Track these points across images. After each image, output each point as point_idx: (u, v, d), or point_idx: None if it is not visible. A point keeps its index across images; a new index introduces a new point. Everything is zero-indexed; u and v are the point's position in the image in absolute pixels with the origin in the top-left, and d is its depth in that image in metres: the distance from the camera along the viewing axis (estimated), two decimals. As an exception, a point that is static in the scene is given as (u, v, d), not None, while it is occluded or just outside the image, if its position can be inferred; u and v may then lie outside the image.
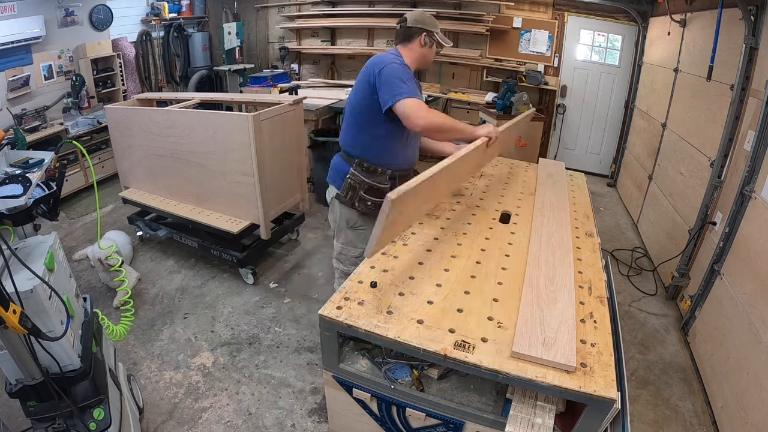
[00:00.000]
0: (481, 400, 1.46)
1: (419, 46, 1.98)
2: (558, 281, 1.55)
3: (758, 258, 2.14)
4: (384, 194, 1.72)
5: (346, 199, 2.03)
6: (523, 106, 4.16)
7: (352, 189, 2.01)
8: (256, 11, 6.84)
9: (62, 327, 1.41)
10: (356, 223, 2.11)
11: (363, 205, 2.03)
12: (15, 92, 4.16)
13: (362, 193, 2.01)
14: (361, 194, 2.01)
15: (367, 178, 2.00)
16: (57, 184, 1.78)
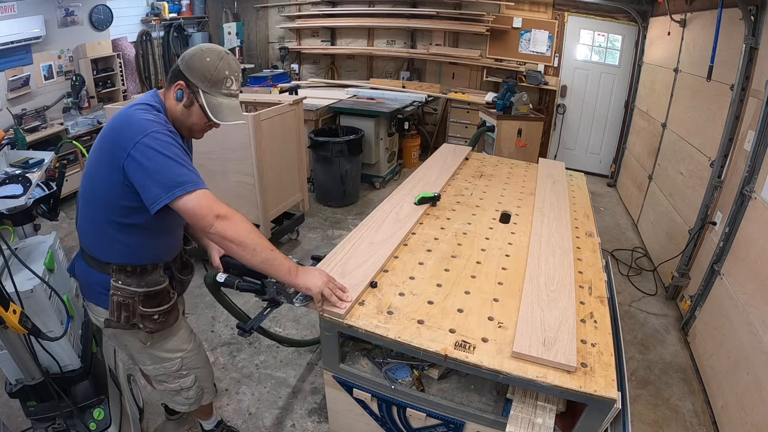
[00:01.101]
0: (481, 400, 1.46)
1: (173, 97, 1.32)
2: (558, 281, 1.55)
3: (758, 258, 2.14)
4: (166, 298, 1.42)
5: (121, 322, 1.38)
6: (523, 106, 4.16)
7: (124, 307, 1.37)
8: (256, 11, 6.84)
9: (62, 327, 1.41)
10: (150, 340, 1.50)
11: (149, 322, 1.40)
12: (15, 92, 4.16)
13: (141, 308, 1.39)
14: (141, 310, 1.39)
15: (138, 286, 1.38)
16: (57, 184, 1.78)
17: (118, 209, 1.29)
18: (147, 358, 1.55)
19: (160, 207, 1.18)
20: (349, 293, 1.40)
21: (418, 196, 2.14)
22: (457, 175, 2.63)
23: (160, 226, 1.38)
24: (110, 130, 1.26)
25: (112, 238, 1.33)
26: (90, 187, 1.32)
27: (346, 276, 1.54)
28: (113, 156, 1.21)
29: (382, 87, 5.79)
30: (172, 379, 1.61)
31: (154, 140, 1.19)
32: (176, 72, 1.31)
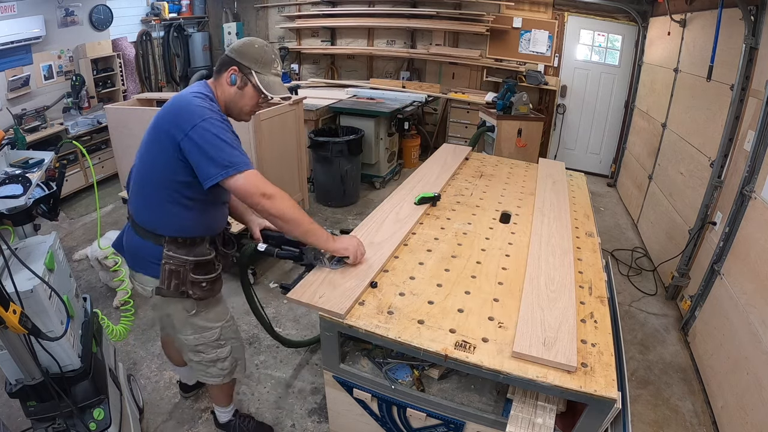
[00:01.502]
0: (481, 400, 1.46)
1: (227, 83, 1.49)
2: (558, 281, 1.56)
3: (758, 258, 2.14)
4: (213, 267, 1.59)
5: (171, 290, 1.52)
6: (523, 106, 4.16)
7: (174, 276, 1.50)
8: (256, 11, 6.84)
9: (62, 327, 1.41)
10: (195, 308, 1.61)
11: (197, 289, 1.54)
12: (15, 92, 4.16)
13: (192, 274, 1.52)
14: (191, 277, 1.52)
15: (188, 255, 1.51)
16: (57, 184, 1.78)
17: (173, 184, 1.43)
18: (189, 328, 1.65)
19: (213, 183, 1.35)
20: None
21: (418, 196, 2.14)
22: (457, 175, 2.63)
23: (208, 203, 1.53)
24: (168, 114, 1.41)
25: (166, 212, 1.47)
26: (146, 165, 1.46)
27: (346, 276, 1.54)
28: (171, 136, 1.36)
29: (382, 87, 5.79)
30: (210, 349, 1.71)
31: (210, 125, 1.35)
32: (226, 60, 1.49)
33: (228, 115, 1.53)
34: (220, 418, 2.03)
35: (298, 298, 1.43)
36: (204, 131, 1.33)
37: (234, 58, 1.48)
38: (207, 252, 1.57)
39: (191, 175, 1.39)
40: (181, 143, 1.34)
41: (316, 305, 1.40)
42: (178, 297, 1.55)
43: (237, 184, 1.35)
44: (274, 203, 1.39)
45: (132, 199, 1.55)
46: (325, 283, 1.50)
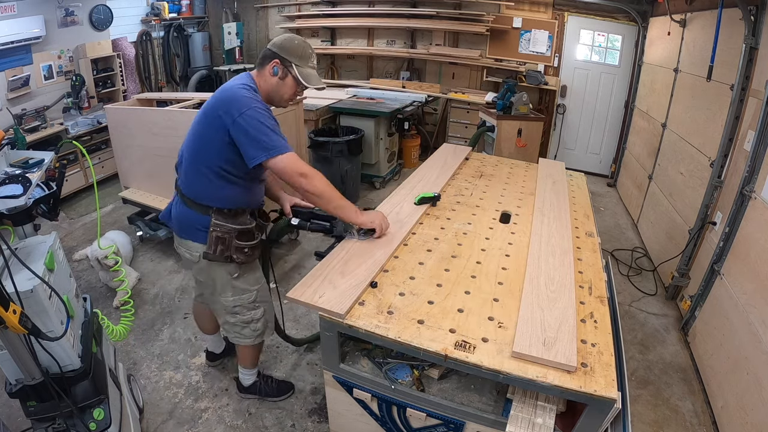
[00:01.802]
0: (481, 400, 1.46)
1: (269, 74, 1.69)
2: (558, 281, 1.55)
3: (758, 258, 2.14)
4: (253, 236, 1.79)
5: (216, 255, 1.72)
6: (523, 106, 4.16)
7: (220, 242, 1.70)
8: (256, 11, 6.84)
9: (62, 327, 1.41)
10: (238, 272, 1.82)
11: (240, 254, 1.75)
12: (15, 92, 4.16)
13: (236, 241, 1.73)
14: (236, 243, 1.72)
15: (233, 223, 1.72)
16: (57, 184, 1.78)
17: (220, 163, 1.64)
18: (229, 290, 1.85)
19: (257, 163, 1.57)
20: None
21: (418, 196, 2.14)
22: (457, 175, 2.63)
23: (249, 180, 1.74)
24: (218, 101, 1.61)
25: (214, 186, 1.68)
26: (197, 146, 1.67)
27: (346, 276, 1.54)
28: (222, 121, 1.57)
29: (382, 87, 5.79)
30: (246, 310, 1.91)
31: (255, 112, 1.56)
32: (269, 54, 1.68)
33: (269, 103, 1.72)
34: (245, 382, 2.22)
35: (298, 298, 1.44)
36: (250, 118, 1.54)
37: (276, 52, 1.67)
38: (248, 222, 1.77)
39: (236, 155, 1.61)
40: (230, 128, 1.55)
41: (316, 305, 1.40)
42: (222, 261, 1.74)
43: (278, 165, 1.57)
44: (310, 181, 1.60)
45: (182, 174, 1.76)
46: (325, 283, 1.50)
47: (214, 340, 2.40)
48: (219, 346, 2.44)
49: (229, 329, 1.99)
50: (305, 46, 1.72)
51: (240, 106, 1.56)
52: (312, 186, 1.61)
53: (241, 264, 1.78)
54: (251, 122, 1.54)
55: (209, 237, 1.70)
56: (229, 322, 1.95)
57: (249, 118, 1.54)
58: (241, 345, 2.04)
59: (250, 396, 2.25)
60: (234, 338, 2.02)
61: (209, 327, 2.31)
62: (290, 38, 1.72)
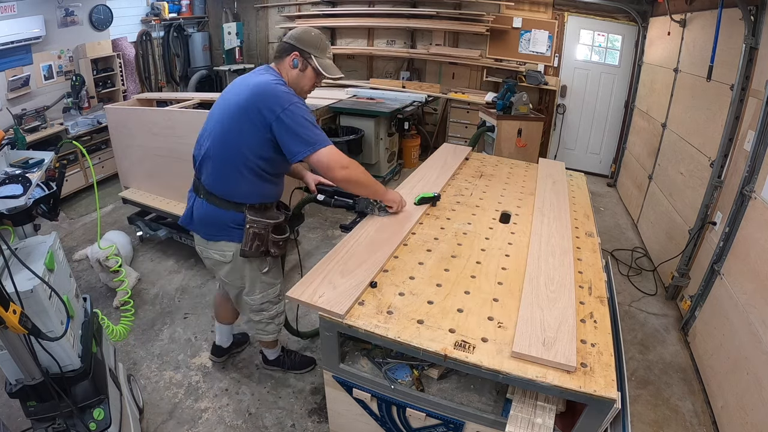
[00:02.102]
0: (481, 400, 1.46)
1: (290, 66, 1.72)
2: (558, 281, 1.55)
3: (758, 258, 2.14)
4: (285, 228, 1.84)
5: (252, 250, 1.73)
6: (523, 106, 4.16)
7: (258, 238, 1.72)
8: (256, 11, 6.84)
9: (62, 327, 1.41)
10: (268, 266, 1.88)
11: (276, 247, 1.78)
12: (15, 92, 4.16)
13: (273, 234, 1.76)
14: (272, 237, 1.75)
15: (266, 218, 1.74)
16: (57, 184, 1.78)
17: (258, 158, 1.65)
18: (258, 287, 1.89)
19: (301, 158, 1.58)
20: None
21: (418, 196, 2.14)
22: (457, 175, 2.63)
23: (279, 175, 1.81)
24: (256, 97, 1.59)
25: (249, 182, 1.68)
26: (231, 142, 1.63)
27: (346, 275, 1.54)
28: (263, 118, 1.56)
29: (382, 87, 5.79)
30: (272, 305, 1.98)
31: (297, 108, 1.58)
32: (287, 47, 1.71)
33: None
34: (269, 356, 2.36)
35: (298, 298, 1.44)
36: (293, 114, 1.56)
37: (295, 44, 1.70)
38: (278, 215, 1.82)
39: (275, 152, 1.64)
40: (273, 124, 1.56)
41: (316, 305, 1.40)
42: (259, 256, 1.78)
43: (321, 159, 1.60)
44: (350, 172, 1.67)
45: (209, 173, 1.72)
46: (325, 283, 1.50)
47: (226, 332, 2.38)
48: (227, 340, 2.42)
49: (253, 326, 2.06)
50: (322, 37, 1.76)
51: (282, 102, 1.57)
52: (355, 175, 1.69)
53: (274, 258, 1.86)
54: (295, 118, 1.56)
55: (246, 234, 1.71)
56: (253, 320, 2.00)
57: (292, 113, 1.56)
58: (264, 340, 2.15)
59: (274, 368, 2.40)
60: (257, 334, 2.10)
61: (227, 317, 2.31)
62: (307, 30, 1.74)
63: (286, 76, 1.73)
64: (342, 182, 1.71)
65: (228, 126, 1.64)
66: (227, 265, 1.82)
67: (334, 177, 1.66)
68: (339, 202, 2.05)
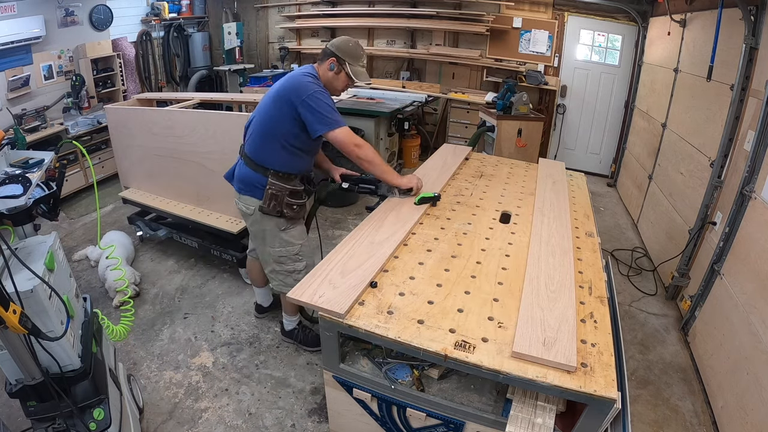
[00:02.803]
0: (481, 400, 1.46)
1: (327, 68, 2.06)
2: (558, 281, 1.55)
3: (758, 258, 2.14)
4: (301, 196, 2.15)
5: (269, 208, 2.07)
6: (523, 106, 4.16)
7: (274, 198, 2.06)
8: (256, 11, 6.84)
9: (62, 327, 1.41)
10: (286, 225, 2.17)
11: (290, 209, 2.10)
12: (15, 92, 4.16)
13: (287, 198, 2.08)
14: (287, 200, 2.08)
15: (286, 184, 2.07)
16: (57, 184, 1.78)
17: (285, 135, 2.02)
18: (277, 241, 2.19)
19: (319, 134, 1.96)
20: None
21: (418, 196, 2.14)
22: (457, 175, 2.63)
23: (304, 151, 2.11)
24: (288, 87, 1.99)
25: (276, 153, 2.05)
26: (267, 120, 2.03)
27: (346, 275, 1.54)
28: (291, 101, 1.95)
29: (382, 87, 5.79)
30: (290, 261, 2.25)
31: (319, 95, 1.95)
32: (328, 53, 2.05)
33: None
34: (286, 326, 2.56)
35: (299, 298, 1.44)
36: (315, 99, 1.93)
37: (334, 51, 2.04)
38: (298, 185, 2.13)
39: (300, 130, 1.99)
40: (299, 107, 1.93)
41: (316, 305, 1.41)
42: (274, 215, 2.09)
43: (337, 136, 1.96)
44: (361, 150, 2.02)
45: (249, 142, 2.11)
46: (325, 283, 1.50)
47: (263, 293, 2.75)
48: (267, 300, 2.79)
49: (274, 277, 2.32)
50: (358, 48, 2.09)
51: (306, 89, 1.94)
52: (364, 154, 2.03)
53: (289, 219, 2.14)
54: (317, 102, 1.93)
55: (265, 193, 2.06)
56: (275, 270, 2.29)
57: (314, 99, 1.93)
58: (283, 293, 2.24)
59: (288, 340, 2.60)
60: (277, 286, 2.32)
61: (260, 280, 2.63)
62: (346, 40, 2.09)
63: (323, 76, 2.06)
64: (355, 159, 2.05)
65: (268, 108, 2.03)
66: (251, 217, 2.18)
67: (348, 153, 2.02)
68: (362, 189, 2.32)
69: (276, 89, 2.04)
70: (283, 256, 2.22)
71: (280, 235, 2.17)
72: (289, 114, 1.97)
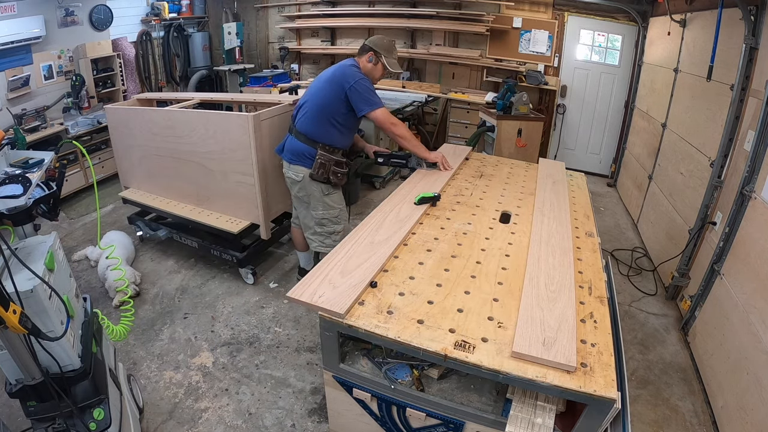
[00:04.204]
0: (481, 400, 1.46)
1: (366, 61, 2.51)
2: (558, 281, 1.55)
3: (758, 258, 2.14)
4: (343, 166, 2.57)
5: (318, 175, 2.48)
6: (523, 106, 4.16)
7: (322, 167, 2.47)
8: (256, 11, 6.84)
9: (62, 327, 1.41)
10: (330, 191, 2.58)
11: (335, 177, 2.52)
12: (15, 92, 4.16)
13: (334, 167, 2.49)
14: (333, 168, 2.49)
15: (332, 155, 2.49)
16: (57, 184, 1.78)
17: (334, 114, 2.45)
18: (320, 205, 2.60)
19: (363, 114, 2.43)
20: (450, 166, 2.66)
21: (418, 196, 2.14)
22: (457, 175, 2.63)
23: (347, 129, 2.54)
24: (339, 74, 2.44)
25: (325, 129, 2.48)
26: (321, 102, 2.45)
27: (346, 275, 1.54)
28: (341, 85, 2.39)
29: (382, 87, 5.79)
30: (330, 223, 2.64)
31: (363, 81, 2.42)
32: (366, 48, 2.52)
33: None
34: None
35: (298, 298, 1.44)
36: (360, 84, 2.39)
37: (372, 46, 2.50)
38: (341, 157, 2.55)
39: (347, 110, 2.44)
40: (348, 91, 2.38)
41: (316, 305, 1.40)
42: (322, 181, 2.51)
43: (377, 115, 2.42)
44: (397, 128, 2.49)
45: (302, 120, 2.51)
46: (325, 283, 1.50)
47: (305, 257, 3.09)
48: (310, 263, 3.07)
49: (314, 239, 2.70)
50: (391, 43, 2.56)
51: (354, 76, 2.40)
52: (399, 131, 2.49)
53: (333, 185, 2.55)
54: (362, 88, 2.39)
55: (315, 162, 2.47)
56: (316, 232, 2.67)
57: (359, 84, 2.38)
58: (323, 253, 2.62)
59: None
60: (317, 247, 2.70)
61: (303, 244, 2.93)
62: (381, 38, 2.56)
63: (363, 67, 2.51)
64: (391, 135, 2.51)
65: (321, 91, 2.46)
66: (299, 183, 2.57)
67: (386, 129, 2.48)
68: (394, 162, 2.74)
69: (327, 77, 2.46)
70: (324, 218, 2.61)
71: (324, 200, 2.57)
72: (339, 97, 2.40)
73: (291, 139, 2.57)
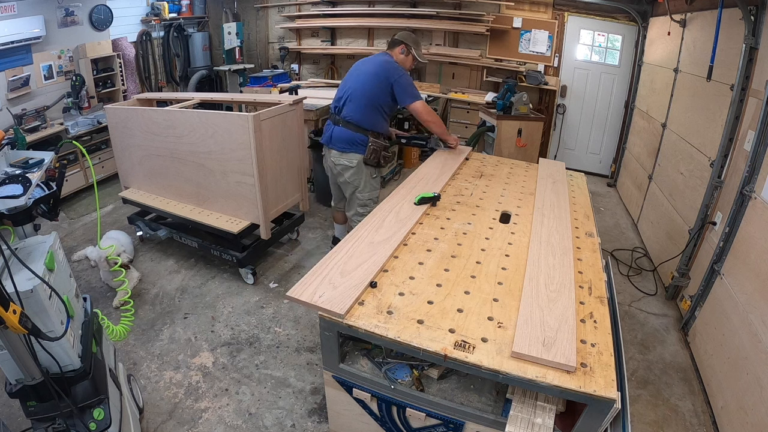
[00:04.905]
0: (481, 400, 1.46)
1: (399, 53, 2.84)
2: (558, 281, 1.56)
3: (758, 258, 2.14)
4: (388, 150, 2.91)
5: (371, 160, 2.78)
6: (523, 106, 4.16)
7: (375, 152, 2.77)
8: (256, 11, 6.84)
9: (62, 327, 1.41)
10: (376, 174, 2.93)
11: (384, 160, 2.86)
12: (15, 92, 4.15)
13: (383, 152, 2.82)
14: (383, 153, 2.82)
15: (381, 141, 2.81)
16: (57, 184, 1.78)
17: (380, 104, 2.75)
18: (367, 186, 2.89)
19: (406, 105, 2.75)
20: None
21: (418, 196, 2.14)
22: (457, 175, 2.63)
23: (390, 116, 2.89)
24: (384, 68, 2.72)
25: (373, 117, 2.77)
26: (370, 93, 2.72)
27: (346, 275, 1.54)
28: (386, 79, 2.70)
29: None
30: (372, 202, 2.92)
31: (406, 76, 2.75)
32: (397, 42, 2.84)
33: None
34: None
35: (298, 297, 1.44)
36: (404, 78, 2.72)
37: (403, 40, 2.83)
38: (386, 142, 2.87)
39: (391, 100, 2.76)
40: (393, 83, 2.69)
41: (316, 305, 1.40)
42: (374, 165, 2.82)
43: (417, 107, 2.74)
44: (432, 118, 2.85)
45: (351, 111, 2.76)
46: (325, 283, 1.50)
47: (341, 229, 3.37)
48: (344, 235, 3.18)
49: (357, 219, 2.92)
50: (417, 37, 2.96)
51: (398, 71, 2.72)
52: (433, 120, 2.85)
53: (381, 167, 2.90)
54: (404, 81, 2.71)
55: (368, 149, 2.76)
56: (358, 212, 2.94)
57: (403, 78, 2.71)
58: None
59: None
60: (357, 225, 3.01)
61: (342, 219, 3.30)
62: (408, 33, 2.92)
63: (397, 58, 2.81)
64: (426, 122, 2.85)
65: (367, 84, 2.73)
66: (352, 169, 2.82)
67: (423, 119, 2.79)
68: (415, 143, 3.26)
69: (371, 71, 2.73)
70: (369, 199, 2.91)
71: (371, 182, 2.89)
72: (385, 90, 2.70)
73: (339, 129, 2.79)
